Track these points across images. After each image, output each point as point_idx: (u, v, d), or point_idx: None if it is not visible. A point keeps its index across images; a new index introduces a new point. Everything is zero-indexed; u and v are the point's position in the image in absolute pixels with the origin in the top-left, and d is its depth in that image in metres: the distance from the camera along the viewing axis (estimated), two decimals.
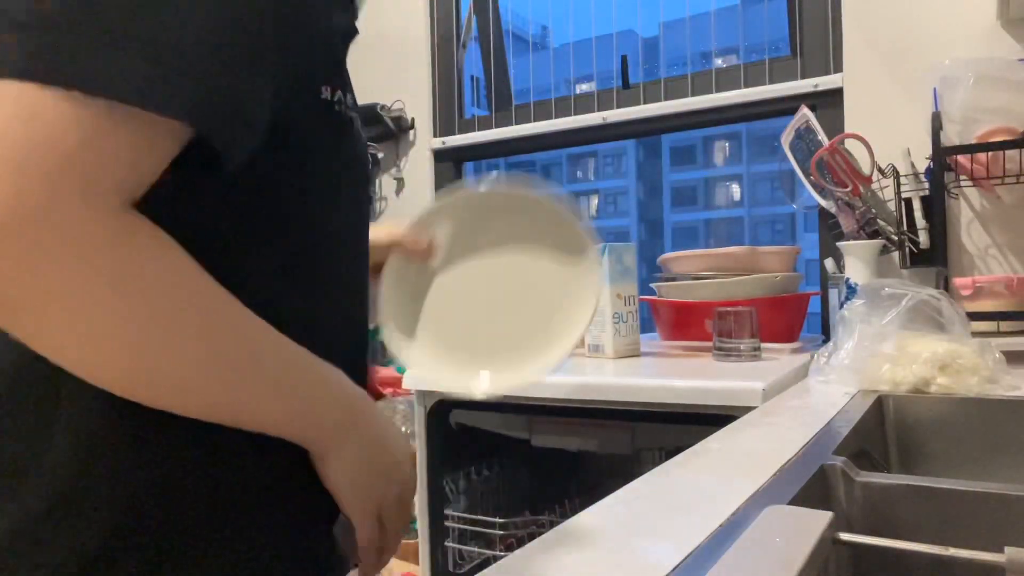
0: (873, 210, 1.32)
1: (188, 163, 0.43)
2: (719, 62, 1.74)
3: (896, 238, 1.32)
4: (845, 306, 0.98)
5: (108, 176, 0.38)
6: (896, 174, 1.34)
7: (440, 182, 2.07)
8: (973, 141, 1.25)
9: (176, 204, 0.44)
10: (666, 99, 1.74)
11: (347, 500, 0.52)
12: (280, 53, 0.45)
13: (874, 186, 1.34)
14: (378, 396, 1.45)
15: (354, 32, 0.59)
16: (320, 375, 0.50)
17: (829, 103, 1.53)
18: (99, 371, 0.41)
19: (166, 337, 0.41)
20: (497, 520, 1.20)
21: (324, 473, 0.51)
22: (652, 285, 1.45)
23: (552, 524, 1.11)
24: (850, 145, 1.35)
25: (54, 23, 0.37)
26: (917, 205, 1.31)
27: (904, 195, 1.33)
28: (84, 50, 0.37)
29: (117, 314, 0.39)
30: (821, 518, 0.39)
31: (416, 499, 1.20)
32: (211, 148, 0.42)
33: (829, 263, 1.41)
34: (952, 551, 0.39)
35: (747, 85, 1.65)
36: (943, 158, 1.24)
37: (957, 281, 1.24)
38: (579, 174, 31.03)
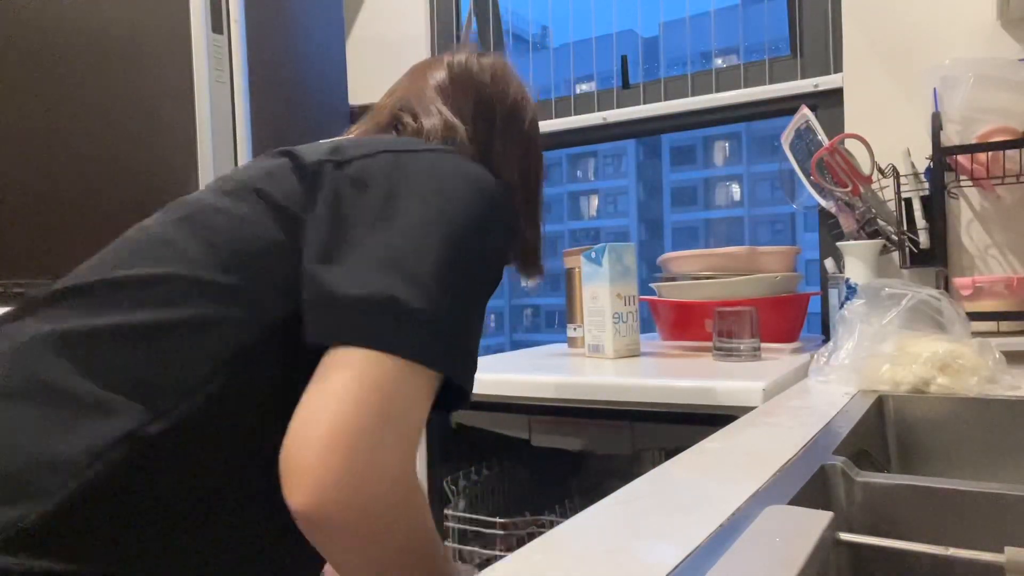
0: (873, 210, 1.32)
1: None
2: (719, 62, 1.74)
3: (896, 238, 1.32)
4: (845, 306, 0.98)
5: (422, 431, 0.54)
6: (896, 174, 1.34)
7: None
8: (973, 141, 1.25)
9: None
10: (666, 99, 1.74)
11: None
12: None
13: (874, 186, 1.34)
14: None
15: None
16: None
17: (829, 103, 1.53)
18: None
19: (422, 561, 0.54)
20: (497, 520, 1.20)
21: None
22: (652, 285, 1.45)
23: (552, 524, 1.11)
24: (850, 145, 1.35)
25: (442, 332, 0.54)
26: (917, 205, 1.31)
27: (904, 195, 1.33)
28: (448, 350, 0.54)
29: (405, 546, 0.52)
30: (821, 518, 0.39)
31: None
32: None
33: (829, 263, 1.41)
34: (952, 551, 0.39)
35: (747, 85, 1.65)
36: (943, 158, 1.24)
37: (957, 281, 1.24)
38: (579, 174, 31.03)
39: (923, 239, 1.30)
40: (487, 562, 1.22)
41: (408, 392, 0.51)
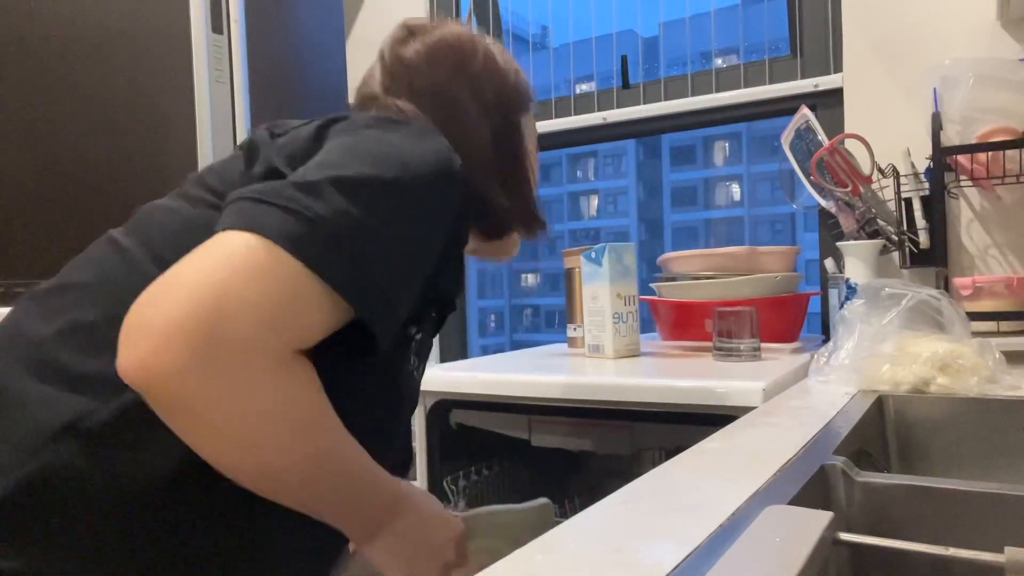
0: (873, 210, 1.32)
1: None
2: (719, 62, 1.74)
3: (896, 238, 1.32)
4: (845, 306, 0.98)
5: (300, 329, 0.49)
6: (896, 174, 1.34)
7: None
8: (973, 141, 1.25)
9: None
10: (666, 99, 1.74)
11: None
12: (415, 292, 0.59)
13: (874, 186, 1.34)
14: None
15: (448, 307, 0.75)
16: (372, 480, 0.59)
17: (829, 103, 1.53)
18: (234, 465, 0.49)
19: (294, 450, 0.50)
20: None
21: (371, 555, 0.61)
22: (652, 285, 1.45)
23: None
24: (850, 145, 1.35)
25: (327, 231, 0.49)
26: (917, 205, 1.31)
27: (904, 195, 1.33)
28: (339, 258, 0.50)
29: (262, 426, 0.48)
30: (821, 518, 0.39)
31: None
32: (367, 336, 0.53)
33: (829, 263, 1.40)
34: (952, 551, 0.39)
35: (747, 85, 1.65)
36: (943, 158, 1.24)
37: (957, 281, 1.24)
38: (579, 174, 31.03)
39: (923, 239, 1.30)
40: None
41: (277, 279, 0.47)
